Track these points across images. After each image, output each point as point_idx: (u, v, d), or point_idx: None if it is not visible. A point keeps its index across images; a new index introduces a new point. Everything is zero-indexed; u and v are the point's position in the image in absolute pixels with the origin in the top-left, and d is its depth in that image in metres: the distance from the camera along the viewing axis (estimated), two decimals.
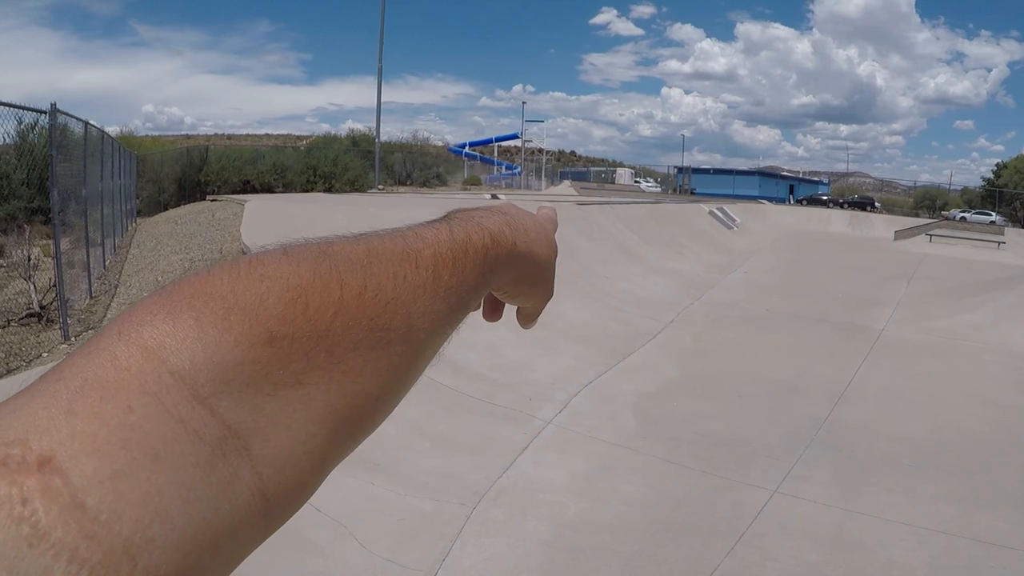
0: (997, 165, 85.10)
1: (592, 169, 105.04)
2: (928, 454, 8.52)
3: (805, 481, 7.40)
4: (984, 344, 14.22)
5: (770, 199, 66.20)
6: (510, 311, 0.96)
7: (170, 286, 0.52)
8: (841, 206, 67.33)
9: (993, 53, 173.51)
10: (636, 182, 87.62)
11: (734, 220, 34.63)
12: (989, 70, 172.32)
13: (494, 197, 31.06)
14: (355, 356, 0.56)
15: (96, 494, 0.39)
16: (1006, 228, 52.06)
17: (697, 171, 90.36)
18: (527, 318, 1.00)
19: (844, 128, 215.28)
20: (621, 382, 10.02)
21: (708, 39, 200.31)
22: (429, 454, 7.10)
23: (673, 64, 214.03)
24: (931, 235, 41.33)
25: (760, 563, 5.84)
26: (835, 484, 7.44)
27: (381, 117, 40.16)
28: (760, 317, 15.67)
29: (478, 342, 9.92)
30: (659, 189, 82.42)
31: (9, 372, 8.27)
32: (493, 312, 0.94)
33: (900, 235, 41.63)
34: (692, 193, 72.19)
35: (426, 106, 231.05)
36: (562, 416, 8.50)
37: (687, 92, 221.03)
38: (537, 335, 11.10)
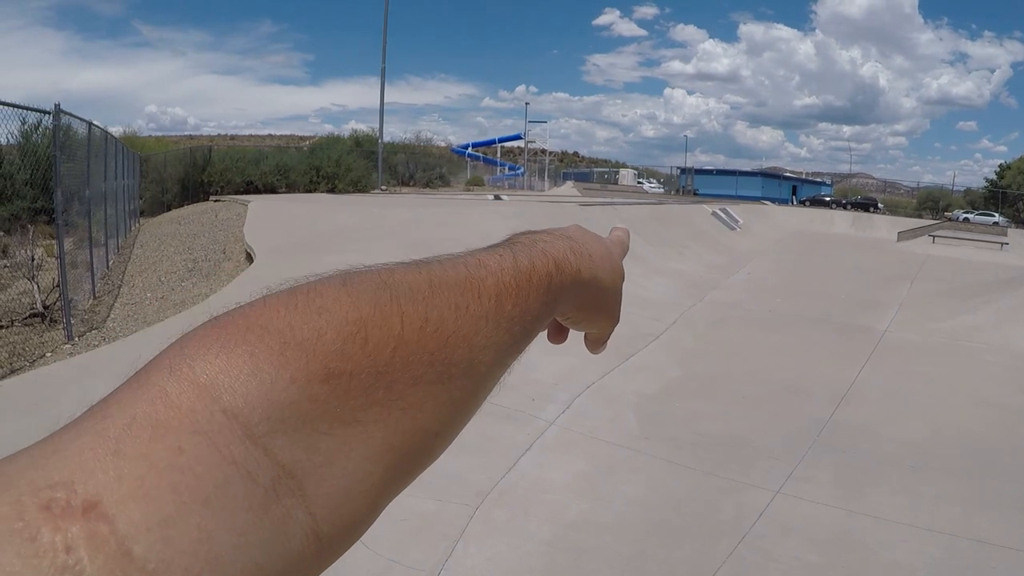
0: (1000, 166, 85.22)
1: (595, 170, 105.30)
2: (930, 455, 8.52)
3: (807, 482, 7.40)
4: (987, 345, 14.22)
5: (773, 200, 66.21)
6: (574, 336, 0.96)
7: (223, 317, 0.51)
8: (844, 207, 67.29)
9: (996, 54, 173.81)
10: (639, 183, 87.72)
11: (737, 221, 34.64)
12: (992, 71, 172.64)
13: (497, 198, 31.09)
14: (415, 392, 0.55)
15: (144, 542, 0.37)
16: (1009, 229, 52.00)
17: (700, 172, 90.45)
18: (595, 343, 1.00)
19: (847, 129, 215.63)
20: (624, 383, 10.03)
21: (711, 40, 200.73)
22: None
23: (676, 65, 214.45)
24: (934, 236, 41.30)
25: (762, 564, 5.84)
26: (837, 485, 7.44)
27: (384, 118, 40.24)
28: (763, 318, 15.68)
29: None
30: (662, 190, 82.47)
31: (13, 372, 8.31)
32: (558, 335, 0.93)
33: (903, 236, 41.61)
34: (695, 194, 72.20)
35: (429, 107, 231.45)
36: (565, 417, 8.52)
37: (690, 93, 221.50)
38: (540, 335, 11.11)
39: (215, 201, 25.14)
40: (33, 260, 12.21)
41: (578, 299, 0.82)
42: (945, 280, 23.84)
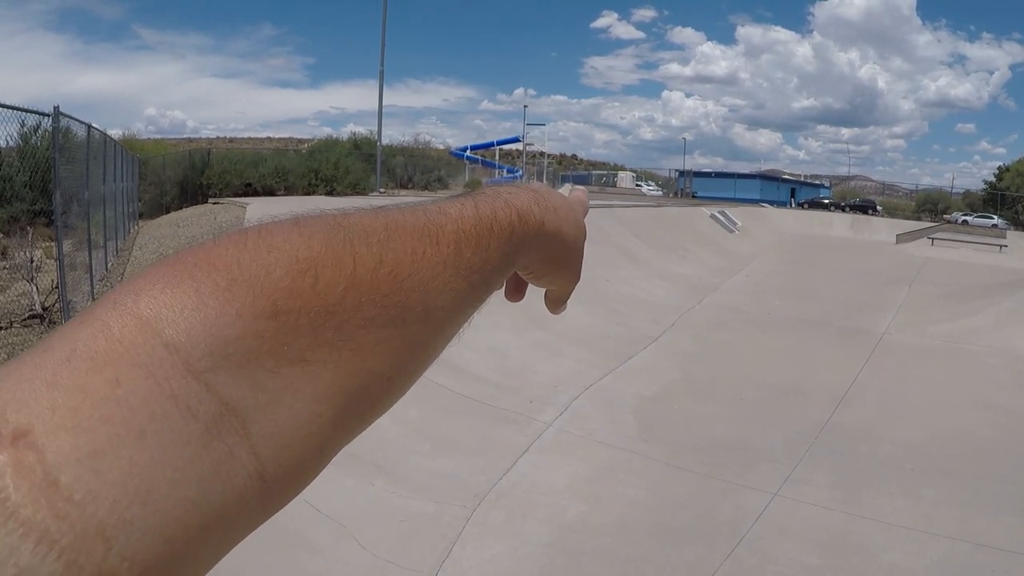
0: (999, 168, 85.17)
1: (593, 172, 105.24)
2: (930, 458, 8.51)
3: (806, 484, 7.40)
4: (986, 348, 14.22)
5: (771, 202, 66.30)
6: (531, 304, 0.95)
7: (172, 256, 0.50)
8: (843, 209, 67.36)
9: (995, 55, 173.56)
10: (637, 185, 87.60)
11: (735, 223, 34.65)
12: (991, 72, 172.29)
13: None
14: (366, 334, 0.54)
15: (71, 472, 0.37)
16: (1008, 231, 52.04)
17: (698, 174, 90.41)
18: (555, 302, 0.99)
19: (845, 131, 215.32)
20: (622, 385, 10.03)
21: (709, 42, 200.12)
22: (430, 456, 7.12)
23: (674, 67, 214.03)
24: (933, 238, 41.31)
25: (760, 566, 5.85)
26: (836, 488, 7.45)
27: (383, 121, 40.19)
28: (761, 321, 15.68)
29: (480, 344, 9.94)
30: (660, 192, 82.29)
31: None
32: (516, 292, 0.93)
33: (902, 239, 41.61)
34: (693, 196, 72.15)
35: (428, 109, 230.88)
36: (563, 419, 8.52)
37: (688, 95, 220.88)
38: (539, 338, 11.13)
39: (214, 203, 25.16)
40: (32, 262, 12.19)
41: (542, 252, 0.81)
42: (944, 283, 23.84)
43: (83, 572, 0.36)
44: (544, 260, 0.83)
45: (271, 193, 32.15)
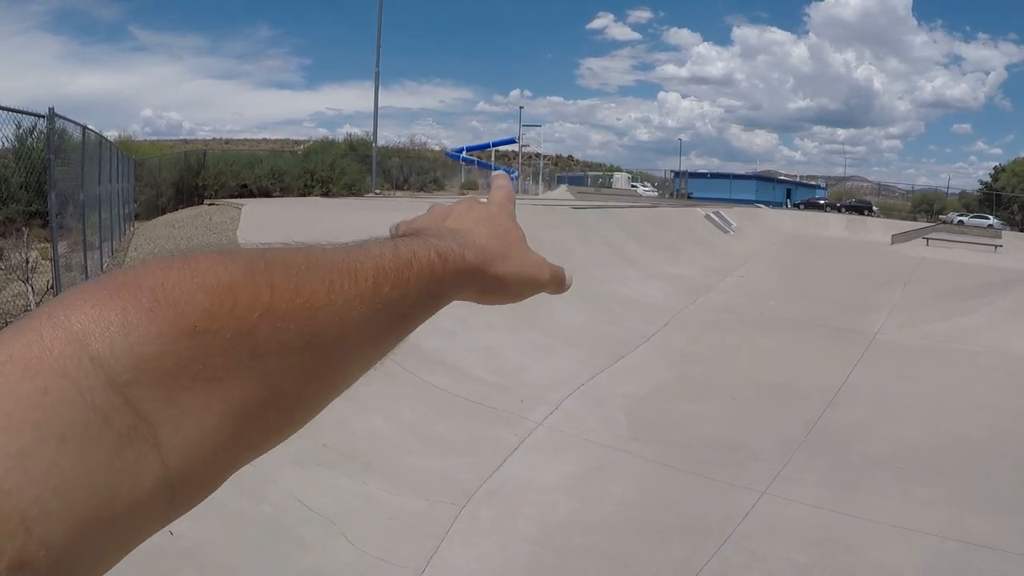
0: (995, 168, 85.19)
1: (589, 173, 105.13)
2: (922, 457, 8.56)
3: (796, 483, 7.44)
4: (980, 348, 14.26)
5: (767, 203, 66.25)
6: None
7: (106, 275, 0.54)
8: (838, 210, 67.40)
9: (991, 56, 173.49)
10: (633, 186, 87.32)
11: (730, 224, 34.68)
12: (987, 73, 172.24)
13: None
14: (279, 358, 0.57)
15: (1, 467, 0.42)
16: (1003, 231, 52.07)
17: (694, 175, 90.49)
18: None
19: (841, 132, 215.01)
20: (614, 384, 10.07)
21: (705, 43, 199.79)
22: (421, 454, 7.15)
23: (670, 68, 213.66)
24: (928, 239, 41.33)
25: (748, 564, 5.89)
26: (826, 486, 7.48)
27: (379, 122, 40.26)
28: (755, 321, 15.73)
29: (474, 344, 9.98)
30: (656, 193, 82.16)
31: None
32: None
33: (897, 239, 41.62)
34: (689, 197, 72.05)
35: (424, 111, 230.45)
36: (554, 418, 8.55)
37: (684, 96, 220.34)
38: (532, 338, 11.17)
39: (209, 205, 25.11)
40: (27, 263, 12.21)
41: (474, 287, 0.84)
42: (939, 283, 23.86)
43: (3, 555, 0.40)
44: (481, 292, 0.86)
45: (267, 194, 32.13)
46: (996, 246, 41.77)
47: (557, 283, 0.97)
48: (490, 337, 10.46)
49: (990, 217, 70.35)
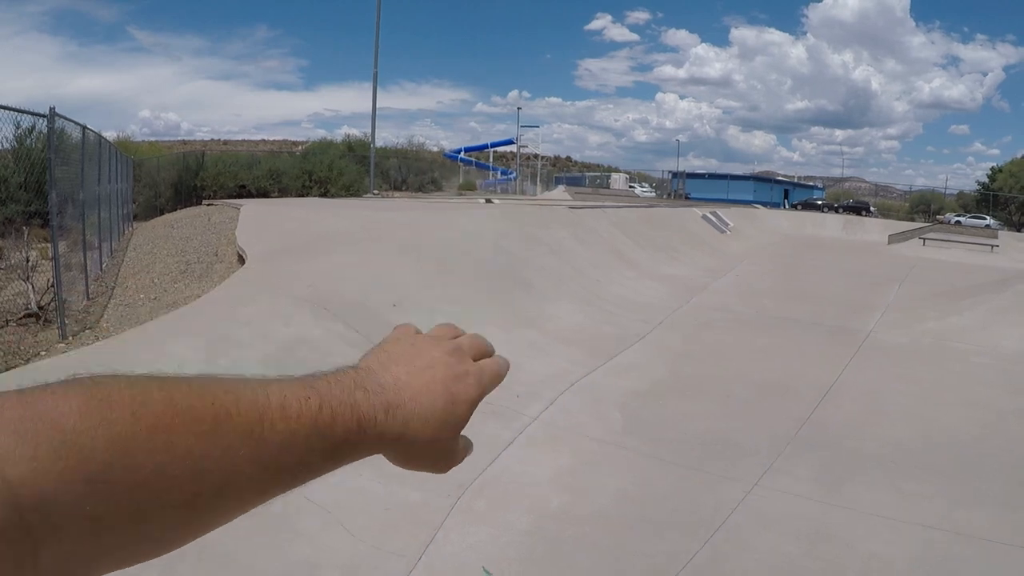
0: (992, 169, 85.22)
1: (587, 174, 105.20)
2: (913, 454, 8.67)
3: (787, 476, 7.56)
4: (975, 346, 14.35)
5: (765, 204, 66.32)
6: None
7: (30, 399, 0.58)
8: (836, 211, 67.46)
9: (989, 57, 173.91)
10: (631, 187, 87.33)
11: (727, 224, 34.78)
12: (985, 74, 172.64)
13: (488, 201, 31.23)
14: (159, 510, 0.61)
15: None
16: (1000, 231, 52.16)
17: (692, 176, 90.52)
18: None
19: (839, 133, 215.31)
20: (609, 381, 10.16)
21: (703, 44, 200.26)
22: None
23: (668, 69, 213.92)
24: (925, 239, 41.40)
25: (737, 553, 6.00)
26: (818, 480, 7.60)
27: (377, 123, 40.35)
28: (750, 320, 15.81)
29: None
30: (653, 194, 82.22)
31: (7, 369, 8.43)
32: None
33: (894, 239, 41.69)
34: (686, 198, 72.13)
35: (422, 112, 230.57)
36: (549, 413, 8.64)
37: (682, 97, 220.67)
38: (529, 336, 11.27)
39: (208, 205, 25.15)
40: (28, 262, 12.32)
41: (390, 455, 0.85)
42: (934, 282, 23.95)
43: None
44: (397, 458, 0.86)
45: (265, 195, 32.19)
46: (993, 246, 41.86)
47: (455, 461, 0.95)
48: (486, 335, 10.51)
49: (987, 217, 70.46)
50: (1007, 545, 6.53)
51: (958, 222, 66.01)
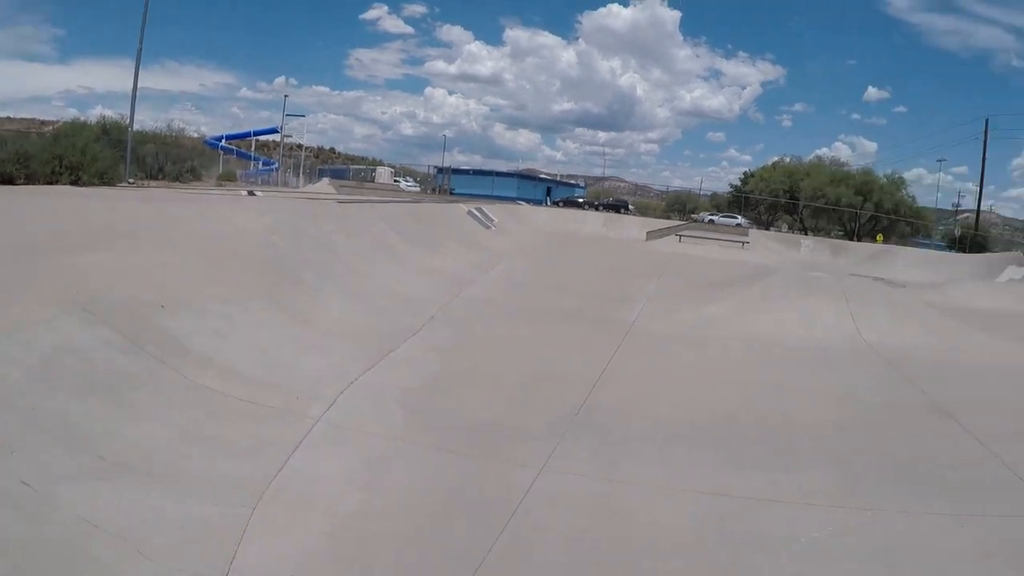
0: (744, 173, 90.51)
1: (352, 167, 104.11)
2: (680, 429, 9.49)
3: (569, 459, 7.96)
4: (728, 333, 15.59)
5: (528, 200, 67.76)
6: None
7: None
8: (597, 208, 69.62)
9: (748, 73, 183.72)
10: (396, 181, 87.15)
11: (492, 220, 35.26)
12: (743, 87, 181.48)
13: (251, 194, 30.43)
14: None
15: None
16: (750, 230, 55.26)
17: (457, 171, 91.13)
18: None
19: (603, 135, 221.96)
20: (387, 378, 10.17)
21: (477, 42, 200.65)
22: (202, 459, 6.88)
23: (439, 64, 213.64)
24: (680, 236, 43.35)
25: (533, 534, 6.27)
26: (597, 460, 8.10)
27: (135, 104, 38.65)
28: (518, 312, 16.35)
29: (245, 343, 9.74)
30: (418, 189, 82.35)
31: None
32: None
33: (651, 235, 43.49)
34: (451, 193, 72.74)
35: (183, 94, 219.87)
36: (331, 413, 8.52)
37: (451, 93, 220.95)
38: (303, 335, 11.04)
39: None
40: None
41: None
42: (691, 276, 25.33)
43: None
44: None
45: (10, 181, 29.69)
46: (744, 243, 44.34)
47: None
48: (260, 336, 10.24)
49: (738, 216, 74.12)
50: (769, 500, 7.49)
51: (712, 220, 69.39)
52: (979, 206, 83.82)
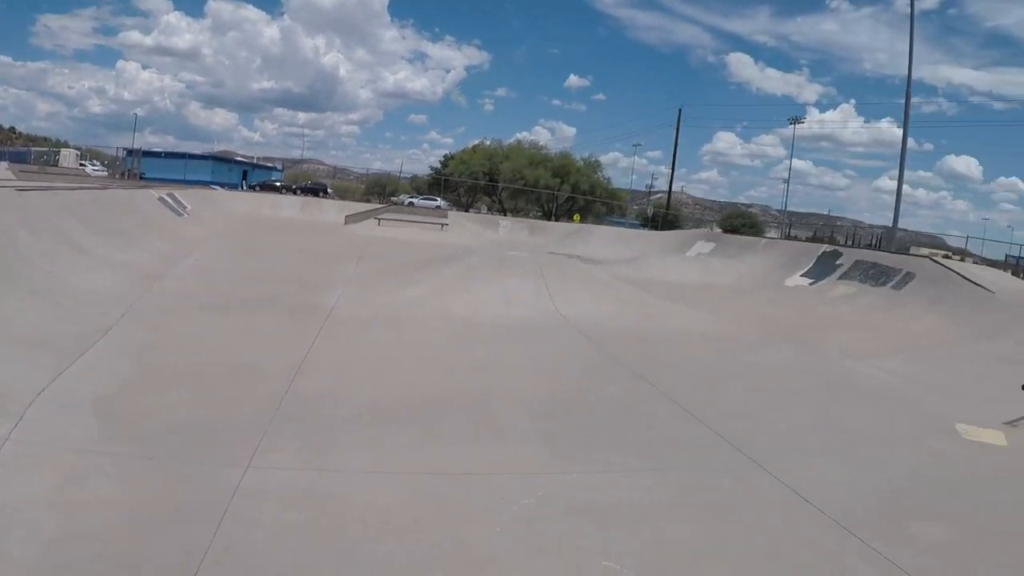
0: (445, 156, 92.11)
1: (33, 149, 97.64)
2: (387, 412, 9.78)
3: (276, 452, 7.92)
4: (429, 313, 16.11)
5: (223, 185, 66.33)
6: None
7: None
8: (295, 192, 69.18)
9: (453, 56, 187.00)
10: (81, 165, 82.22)
11: (185, 207, 34.18)
12: (448, 71, 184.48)
13: None
14: None
15: None
16: (450, 212, 56.48)
17: (148, 154, 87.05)
18: None
19: (302, 115, 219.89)
20: (79, 385, 9.46)
21: (176, 12, 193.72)
22: None
23: (135, 35, 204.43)
24: (380, 219, 43.66)
25: (248, 533, 6.16)
26: (305, 450, 8.12)
27: None
28: (215, 304, 15.96)
29: None
30: (106, 173, 78.27)
31: None
32: None
33: (351, 219, 43.59)
34: (141, 178, 69.66)
35: None
36: (20, 431, 7.72)
37: (145, 67, 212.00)
38: None
39: None
40: None
41: None
42: (390, 258, 25.57)
43: None
44: None
45: None
46: (443, 225, 45.23)
47: None
48: None
49: (438, 199, 75.47)
50: (479, 474, 7.94)
51: (411, 203, 70.31)
52: (671, 187, 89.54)
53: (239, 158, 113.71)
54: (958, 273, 24.56)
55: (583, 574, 6.00)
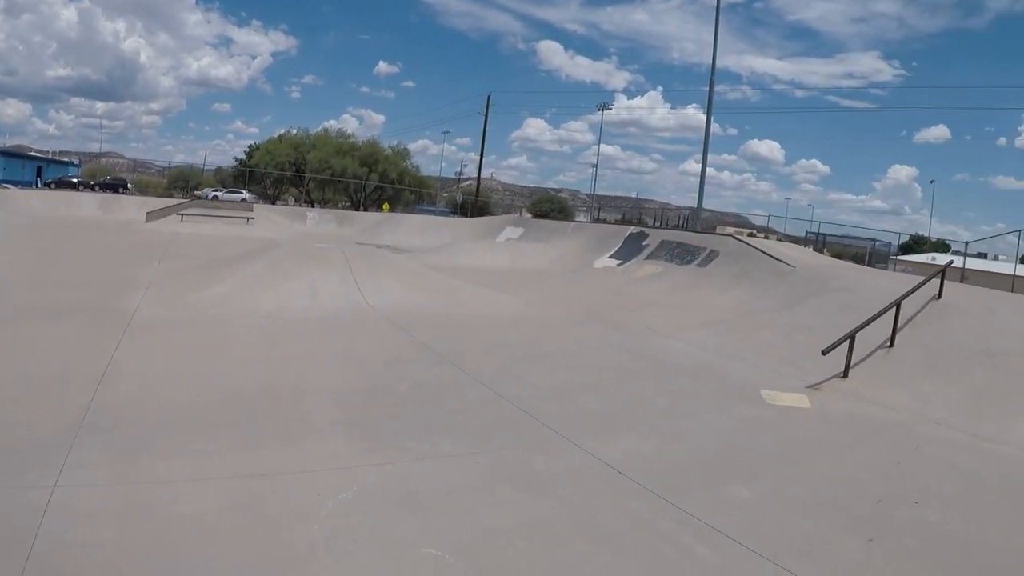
0: (250, 147, 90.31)
1: None
2: (198, 416, 9.44)
3: (84, 468, 7.50)
4: (236, 310, 15.85)
5: (16, 183, 63.43)
6: None
7: None
8: (93, 188, 66.65)
9: (260, 42, 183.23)
10: None
11: None
12: (254, 57, 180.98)
13: None
14: None
15: None
16: (255, 205, 55.67)
17: None
18: None
19: (101, 105, 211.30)
20: None
21: None
22: None
23: None
24: (183, 215, 42.64)
25: (64, 556, 5.82)
26: (114, 463, 7.71)
27: None
28: (7, 314, 14.93)
29: None
30: None
31: None
32: None
33: (152, 216, 42.44)
34: None
35: None
36: None
37: None
38: None
39: None
40: None
41: None
42: (195, 256, 25.05)
43: None
44: None
45: None
46: (249, 218, 44.59)
47: None
48: None
49: (244, 192, 74.23)
50: (294, 473, 7.79)
51: (216, 197, 68.83)
52: (480, 173, 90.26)
53: (33, 153, 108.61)
54: (760, 249, 25.93)
55: (404, 562, 6.11)
